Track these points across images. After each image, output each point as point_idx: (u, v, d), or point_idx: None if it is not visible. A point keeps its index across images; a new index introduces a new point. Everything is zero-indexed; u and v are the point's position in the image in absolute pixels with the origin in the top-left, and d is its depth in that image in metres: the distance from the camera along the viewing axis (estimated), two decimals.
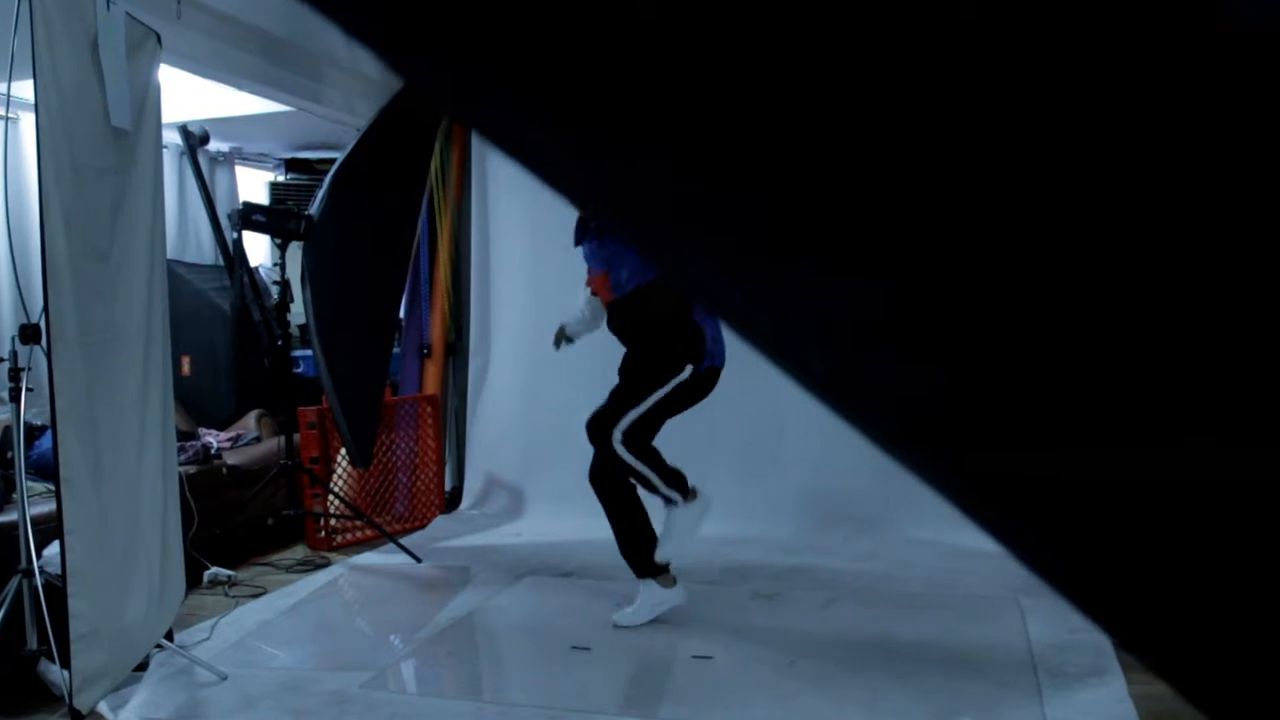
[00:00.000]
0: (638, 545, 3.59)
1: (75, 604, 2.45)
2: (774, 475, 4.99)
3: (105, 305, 2.84)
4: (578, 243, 3.77)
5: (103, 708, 2.72)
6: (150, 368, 3.10)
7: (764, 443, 5.08)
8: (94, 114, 2.77)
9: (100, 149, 2.80)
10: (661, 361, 3.60)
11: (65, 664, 2.51)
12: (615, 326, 3.77)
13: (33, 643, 2.82)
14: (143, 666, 3.05)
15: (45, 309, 2.43)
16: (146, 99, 3.13)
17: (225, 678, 3.06)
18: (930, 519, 4.81)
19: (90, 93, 2.74)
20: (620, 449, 3.52)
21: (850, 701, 2.83)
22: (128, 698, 2.90)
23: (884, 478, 4.99)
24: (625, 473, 3.54)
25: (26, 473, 4.05)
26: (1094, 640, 3.29)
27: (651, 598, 3.56)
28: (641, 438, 3.58)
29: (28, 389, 2.80)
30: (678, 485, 3.55)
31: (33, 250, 3.14)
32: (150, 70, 3.18)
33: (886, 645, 3.29)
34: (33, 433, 3.88)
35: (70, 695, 2.41)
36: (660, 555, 3.50)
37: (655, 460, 3.56)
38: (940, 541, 4.61)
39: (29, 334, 2.62)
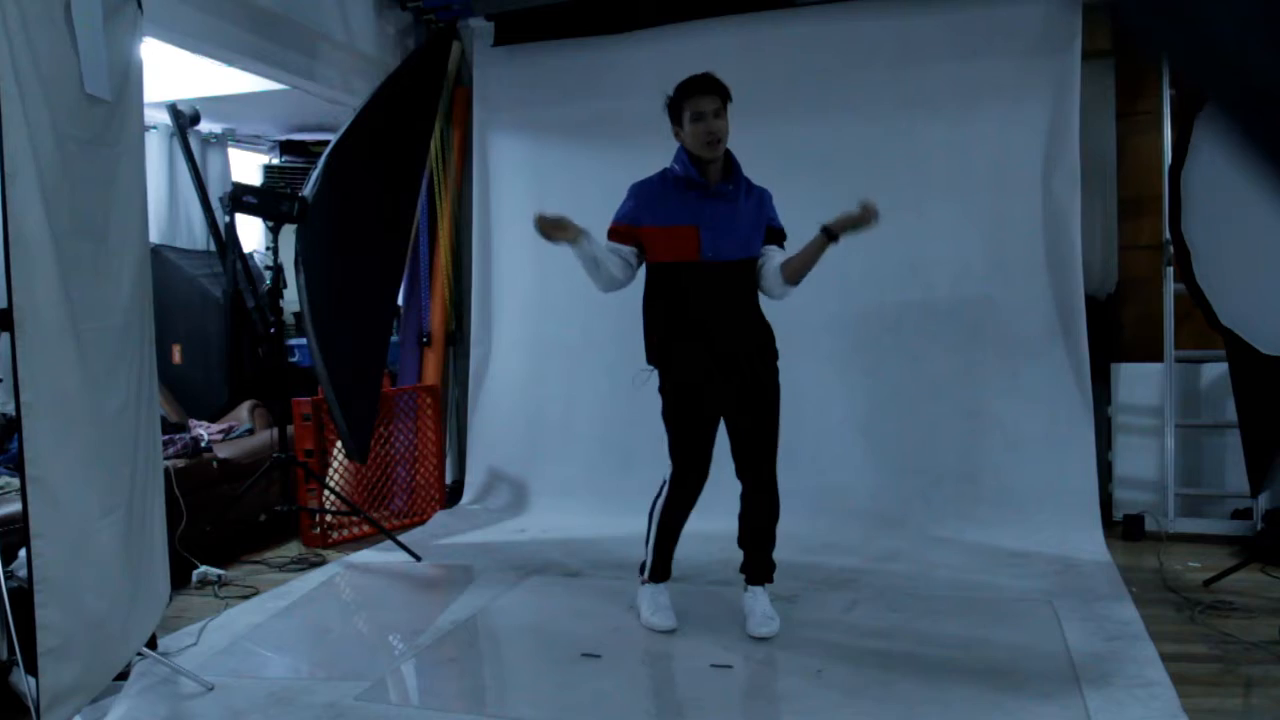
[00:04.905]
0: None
1: (44, 614, 2.24)
2: (788, 470, 4.76)
3: (104, 289, 2.62)
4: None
5: None
6: (138, 356, 2.90)
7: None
8: (73, 82, 2.55)
9: (83, 119, 2.58)
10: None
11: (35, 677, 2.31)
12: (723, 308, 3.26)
13: (2, 652, 2.63)
14: (123, 675, 2.86)
15: (9, 290, 2.21)
16: (129, 69, 2.91)
17: (211, 688, 2.88)
18: (951, 517, 4.62)
19: (68, 60, 2.52)
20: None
21: (884, 718, 2.63)
22: (106, 709, 2.72)
23: (902, 474, 4.81)
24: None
25: (4, 467, 3.88)
26: (1137, 648, 3.10)
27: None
28: None
29: None
30: None
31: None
32: (131, 38, 2.96)
33: (916, 653, 3.10)
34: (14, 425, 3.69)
35: (38, 713, 2.21)
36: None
37: None
38: (963, 540, 4.43)
39: None
